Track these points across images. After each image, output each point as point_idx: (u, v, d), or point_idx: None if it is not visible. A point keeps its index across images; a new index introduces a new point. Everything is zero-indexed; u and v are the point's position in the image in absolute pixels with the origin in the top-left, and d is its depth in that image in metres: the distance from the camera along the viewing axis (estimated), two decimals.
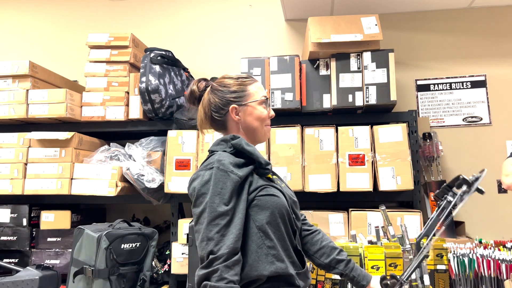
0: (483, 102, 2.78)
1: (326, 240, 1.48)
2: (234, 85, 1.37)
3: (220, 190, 1.16)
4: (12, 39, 3.36)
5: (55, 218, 2.47)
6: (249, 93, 1.37)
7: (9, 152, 2.48)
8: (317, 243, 1.46)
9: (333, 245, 1.47)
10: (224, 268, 1.09)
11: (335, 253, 1.43)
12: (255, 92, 1.38)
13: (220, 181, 1.18)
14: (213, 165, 1.21)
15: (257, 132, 1.38)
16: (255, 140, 1.40)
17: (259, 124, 1.37)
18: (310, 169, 2.26)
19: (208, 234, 1.13)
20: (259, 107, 1.37)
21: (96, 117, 2.56)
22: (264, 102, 1.39)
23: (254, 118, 1.37)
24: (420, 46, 2.88)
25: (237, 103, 1.35)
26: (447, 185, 1.36)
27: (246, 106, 1.36)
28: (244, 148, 1.26)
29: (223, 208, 1.15)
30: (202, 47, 3.11)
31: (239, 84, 1.38)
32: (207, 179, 1.19)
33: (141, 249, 2.20)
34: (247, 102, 1.36)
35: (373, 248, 1.80)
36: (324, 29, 2.34)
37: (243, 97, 1.36)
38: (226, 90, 1.36)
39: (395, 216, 2.14)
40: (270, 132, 1.45)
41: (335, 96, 2.34)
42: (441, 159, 2.67)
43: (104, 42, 2.61)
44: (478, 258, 1.87)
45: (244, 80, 1.39)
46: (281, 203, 1.24)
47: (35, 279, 2.13)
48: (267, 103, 1.41)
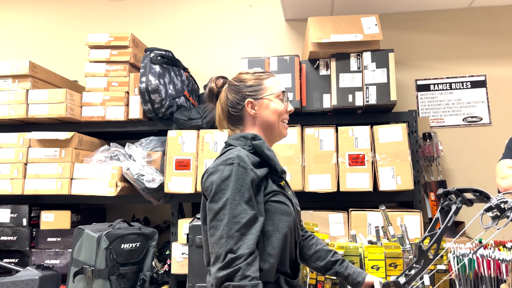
0: (483, 102, 2.78)
1: (320, 244, 1.49)
2: (251, 80, 1.36)
3: (241, 188, 1.13)
4: (12, 39, 3.36)
5: (55, 218, 2.47)
6: (265, 87, 1.35)
7: (9, 152, 2.48)
8: (312, 247, 1.47)
9: (328, 248, 1.48)
10: (246, 266, 1.06)
11: (329, 255, 1.45)
12: (272, 86, 1.36)
13: (241, 178, 1.14)
14: (233, 161, 1.17)
15: (274, 127, 1.35)
16: (272, 136, 1.38)
17: (276, 118, 1.34)
18: (310, 169, 2.26)
19: (229, 231, 1.09)
20: (275, 100, 1.35)
21: (96, 117, 2.56)
22: (281, 96, 1.36)
23: (271, 111, 1.34)
24: (420, 46, 2.88)
25: (253, 97, 1.33)
26: (458, 189, 1.34)
27: (262, 100, 1.34)
28: (264, 152, 1.24)
29: (244, 207, 1.12)
30: (202, 47, 3.11)
31: (255, 78, 1.36)
32: (227, 175, 1.15)
33: (141, 249, 2.20)
34: (263, 95, 1.34)
35: (373, 248, 1.79)
36: (324, 29, 2.34)
37: (259, 91, 1.35)
38: (242, 85, 1.35)
39: (395, 216, 2.14)
40: (287, 130, 1.41)
41: (335, 96, 2.34)
42: (441, 159, 2.67)
43: (104, 42, 2.61)
44: (478, 258, 1.87)
45: (261, 74, 1.38)
46: (289, 212, 1.23)
47: (35, 279, 2.13)
48: (285, 97, 1.38)
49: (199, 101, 2.87)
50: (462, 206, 1.32)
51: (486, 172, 2.68)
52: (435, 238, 1.31)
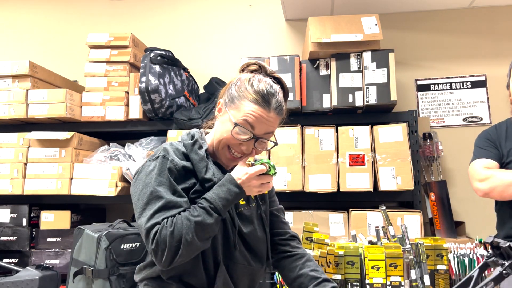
0: (483, 102, 2.78)
1: (307, 267, 1.26)
2: (246, 90, 1.18)
3: (161, 174, 1.12)
4: (12, 38, 3.35)
5: (55, 218, 2.47)
6: (237, 104, 1.17)
7: (9, 152, 2.48)
8: (295, 270, 1.26)
9: (315, 274, 1.23)
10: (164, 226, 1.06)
11: (313, 283, 1.21)
12: (239, 110, 1.16)
13: (162, 167, 1.13)
14: (159, 154, 1.16)
15: (217, 146, 1.21)
16: (216, 153, 1.23)
17: (222, 141, 1.18)
18: (310, 169, 2.26)
19: (147, 204, 1.09)
20: (230, 124, 1.16)
21: (96, 117, 2.56)
22: (237, 126, 1.14)
23: (222, 129, 1.19)
24: (420, 46, 2.88)
25: (226, 101, 1.21)
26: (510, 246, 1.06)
27: (225, 112, 1.19)
28: (190, 155, 1.18)
29: (162, 189, 1.11)
30: (202, 47, 3.11)
31: (244, 89, 1.18)
32: (151, 169, 1.14)
33: (141, 249, 2.20)
34: (228, 108, 1.19)
35: (373, 248, 1.79)
36: (324, 29, 2.34)
37: (233, 101, 1.18)
38: (233, 84, 1.23)
39: (395, 216, 2.14)
40: (233, 163, 1.21)
41: (335, 96, 2.33)
42: (441, 159, 2.67)
43: (104, 42, 2.61)
44: (478, 258, 1.86)
45: (251, 91, 1.17)
46: None
47: (35, 279, 2.13)
48: (244, 133, 1.15)
49: (199, 101, 2.86)
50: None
51: None
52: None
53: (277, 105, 1.18)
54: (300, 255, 1.31)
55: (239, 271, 1.21)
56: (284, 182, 2.26)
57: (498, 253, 1.11)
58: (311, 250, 1.81)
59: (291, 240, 1.36)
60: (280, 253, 1.33)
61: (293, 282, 1.26)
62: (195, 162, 1.17)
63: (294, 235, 1.38)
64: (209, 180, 1.16)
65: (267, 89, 1.17)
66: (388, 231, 1.92)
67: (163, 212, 1.08)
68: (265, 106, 1.16)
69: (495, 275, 1.00)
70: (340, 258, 1.80)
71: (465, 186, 2.68)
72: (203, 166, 1.17)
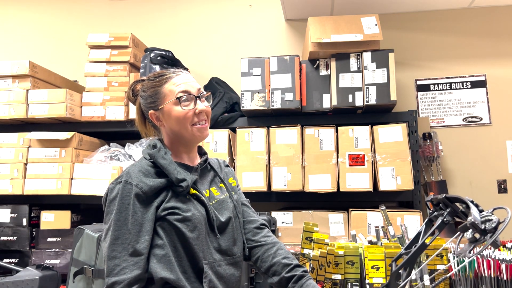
0: (483, 102, 2.78)
1: (279, 255, 1.28)
2: (149, 89, 1.27)
3: (126, 207, 1.14)
4: (12, 39, 3.36)
5: (55, 218, 2.47)
6: (164, 94, 1.24)
7: (9, 152, 2.48)
8: (268, 259, 1.29)
9: (287, 261, 1.27)
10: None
11: (285, 270, 1.24)
12: (170, 92, 1.24)
13: (126, 196, 1.15)
14: (121, 179, 1.18)
15: (183, 135, 1.25)
16: (186, 142, 1.28)
17: (182, 126, 1.23)
18: (310, 169, 2.26)
19: (110, 254, 1.12)
20: (175, 107, 1.22)
21: (96, 117, 2.56)
22: (181, 99, 1.22)
23: (174, 120, 1.23)
24: (420, 46, 2.89)
25: (153, 108, 1.26)
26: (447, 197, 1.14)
27: (163, 109, 1.24)
28: (158, 161, 1.21)
29: (128, 227, 1.13)
30: (202, 47, 3.11)
31: (152, 87, 1.26)
32: (114, 195, 1.16)
33: None
34: (163, 104, 1.24)
35: (373, 248, 1.79)
36: (324, 29, 2.34)
37: (158, 100, 1.25)
38: (144, 95, 1.28)
39: (395, 216, 2.14)
40: (206, 130, 1.28)
41: (335, 96, 2.33)
42: (441, 159, 2.67)
43: (104, 42, 2.61)
44: (478, 258, 1.87)
45: (158, 80, 1.26)
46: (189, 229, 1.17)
47: (35, 279, 2.13)
48: (189, 98, 1.23)
49: None
50: (453, 219, 1.11)
51: (486, 172, 2.68)
52: (406, 259, 1.11)
53: (178, 68, 1.33)
54: (271, 243, 1.33)
55: (224, 266, 1.24)
56: (284, 182, 2.27)
57: (438, 208, 1.21)
58: (311, 250, 1.81)
59: (261, 229, 1.38)
60: (252, 242, 1.35)
61: (266, 271, 1.29)
62: (166, 166, 1.20)
63: (264, 224, 1.40)
64: (182, 180, 1.19)
65: (161, 69, 1.27)
66: (388, 231, 1.92)
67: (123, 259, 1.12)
68: (175, 75, 1.27)
69: (437, 223, 1.11)
70: (340, 258, 1.80)
71: (465, 186, 2.68)
72: (173, 168, 1.21)
